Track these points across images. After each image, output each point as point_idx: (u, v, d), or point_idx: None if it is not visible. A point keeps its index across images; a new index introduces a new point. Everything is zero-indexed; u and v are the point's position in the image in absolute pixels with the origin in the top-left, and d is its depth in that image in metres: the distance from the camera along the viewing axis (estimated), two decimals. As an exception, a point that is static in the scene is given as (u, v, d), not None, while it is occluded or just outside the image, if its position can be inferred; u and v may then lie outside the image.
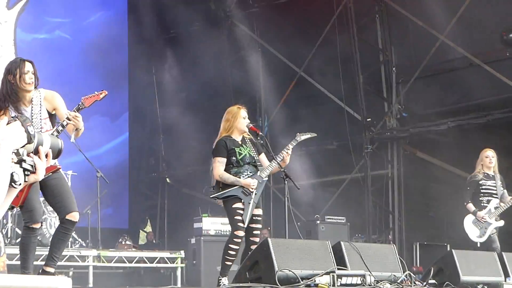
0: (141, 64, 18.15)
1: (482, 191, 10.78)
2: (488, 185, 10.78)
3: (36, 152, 3.38)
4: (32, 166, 3.33)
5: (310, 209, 15.06)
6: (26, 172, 3.31)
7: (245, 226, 8.32)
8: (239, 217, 8.30)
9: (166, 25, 17.55)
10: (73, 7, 16.70)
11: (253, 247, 8.35)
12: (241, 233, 8.30)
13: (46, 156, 3.41)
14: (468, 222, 10.79)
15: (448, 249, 12.84)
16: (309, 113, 15.42)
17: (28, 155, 3.34)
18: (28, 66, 6.87)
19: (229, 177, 8.39)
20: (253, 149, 8.59)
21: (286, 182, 8.54)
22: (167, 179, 18.64)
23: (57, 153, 3.51)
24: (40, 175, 3.36)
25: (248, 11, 17.02)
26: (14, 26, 15.28)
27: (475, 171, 10.91)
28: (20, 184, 3.27)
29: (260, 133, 8.72)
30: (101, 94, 7.05)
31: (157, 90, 18.63)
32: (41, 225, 7.20)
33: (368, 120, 15.68)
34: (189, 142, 16.74)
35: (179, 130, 17.41)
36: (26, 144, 3.33)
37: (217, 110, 13.82)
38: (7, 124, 3.30)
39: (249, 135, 8.66)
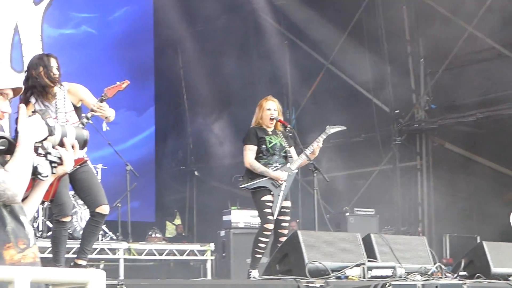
0: (167, 57, 18.18)
1: None
2: None
3: (62, 144, 3.39)
4: (58, 158, 3.35)
5: (339, 202, 15.03)
6: (53, 164, 3.33)
7: (275, 218, 8.31)
8: (269, 210, 8.28)
9: (192, 18, 17.54)
10: (99, 2, 16.77)
11: (282, 239, 8.33)
12: (270, 226, 8.28)
13: (73, 147, 3.42)
14: None
15: (478, 241, 12.75)
16: (337, 105, 15.33)
17: (54, 147, 3.35)
18: (53, 62, 6.90)
19: (259, 167, 8.37)
20: (284, 140, 8.57)
21: (315, 174, 8.53)
22: (196, 172, 18.63)
23: (83, 144, 3.52)
24: (68, 166, 3.38)
25: (275, 4, 16.98)
26: (41, 21, 15.35)
27: None
28: (47, 176, 3.31)
29: (289, 126, 8.72)
30: (123, 84, 7.07)
31: (184, 84, 18.65)
32: (71, 219, 7.25)
33: (396, 112, 15.62)
34: (217, 135, 16.76)
35: (208, 123, 17.44)
36: (48, 136, 3.34)
37: (245, 103, 13.87)
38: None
39: (279, 128, 8.64)
